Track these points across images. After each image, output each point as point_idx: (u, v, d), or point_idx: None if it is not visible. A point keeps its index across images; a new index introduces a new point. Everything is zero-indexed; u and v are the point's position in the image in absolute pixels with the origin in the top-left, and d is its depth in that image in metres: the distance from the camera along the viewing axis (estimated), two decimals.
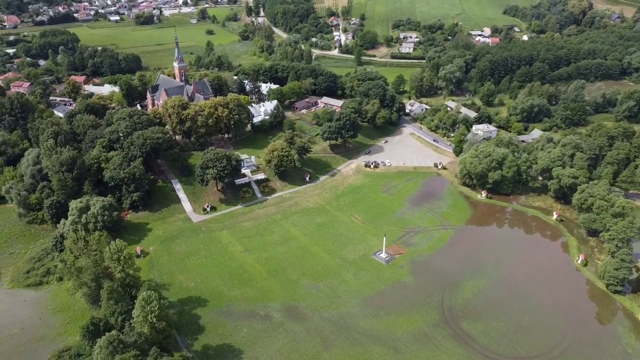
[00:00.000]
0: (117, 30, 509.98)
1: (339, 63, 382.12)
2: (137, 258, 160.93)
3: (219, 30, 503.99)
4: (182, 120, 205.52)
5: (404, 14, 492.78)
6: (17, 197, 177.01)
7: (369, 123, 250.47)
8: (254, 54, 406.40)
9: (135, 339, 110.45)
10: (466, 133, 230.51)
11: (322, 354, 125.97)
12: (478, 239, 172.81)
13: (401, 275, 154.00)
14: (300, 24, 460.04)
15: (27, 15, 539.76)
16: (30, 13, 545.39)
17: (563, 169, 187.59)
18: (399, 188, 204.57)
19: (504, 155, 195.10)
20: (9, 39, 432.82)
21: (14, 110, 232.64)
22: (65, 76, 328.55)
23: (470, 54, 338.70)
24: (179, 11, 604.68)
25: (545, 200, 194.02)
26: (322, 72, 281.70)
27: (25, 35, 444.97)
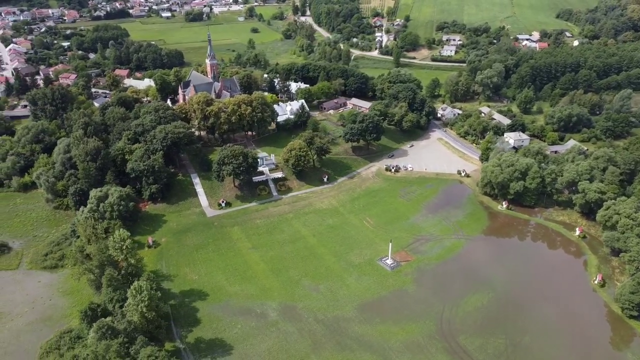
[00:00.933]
0: (167, 27, 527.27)
1: (378, 64, 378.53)
2: (149, 248, 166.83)
3: (264, 29, 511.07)
4: (206, 117, 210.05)
5: (450, 16, 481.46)
6: (46, 183, 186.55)
7: (396, 126, 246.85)
8: (294, 53, 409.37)
9: (125, 327, 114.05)
10: (494, 140, 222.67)
11: (310, 356, 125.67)
12: (491, 251, 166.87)
13: (404, 283, 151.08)
14: (343, 24, 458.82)
15: (86, 11, 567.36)
16: (89, 8, 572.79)
17: (590, 182, 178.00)
18: (417, 194, 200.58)
19: (528, 165, 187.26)
20: (65, 33, 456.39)
21: (54, 100, 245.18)
22: (110, 69, 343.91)
23: (513, 59, 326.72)
24: (228, 9, 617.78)
25: (570, 215, 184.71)
26: (354, 73, 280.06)
27: (82, 30, 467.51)
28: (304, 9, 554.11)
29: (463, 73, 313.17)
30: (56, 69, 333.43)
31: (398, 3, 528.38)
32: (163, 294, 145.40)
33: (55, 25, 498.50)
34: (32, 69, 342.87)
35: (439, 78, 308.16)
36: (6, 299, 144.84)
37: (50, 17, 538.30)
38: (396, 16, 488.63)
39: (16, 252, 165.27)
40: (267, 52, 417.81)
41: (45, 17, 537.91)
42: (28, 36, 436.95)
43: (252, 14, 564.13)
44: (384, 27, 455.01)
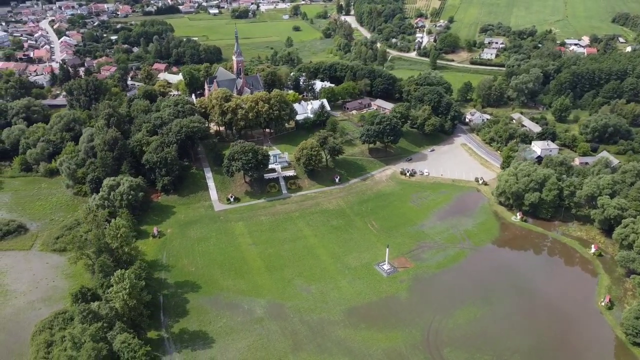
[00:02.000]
0: (213, 23, 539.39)
1: (414, 66, 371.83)
2: (153, 238, 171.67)
3: (306, 27, 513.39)
4: (224, 112, 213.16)
5: (497, 18, 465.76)
6: (67, 170, 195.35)
7: (418, 130, 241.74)
8: (330, 52, 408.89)
9: (107, 312, 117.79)
10: (516, 148, 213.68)
11: (288, 355, 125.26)
12: (495, 263, 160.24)
13: (397, 290, 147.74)
14: (384, 24, 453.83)
15: (139, 6, 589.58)
16: (141, 4, 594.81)
17: (611, 198, 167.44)
18: (428, 200, 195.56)
19: (545, 176, 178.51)
20: (116, 27, 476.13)
21: (88, 91, 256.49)
22: (150, 63, 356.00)
23: (554, 64, 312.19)
24: (274, 7, 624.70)
25: (589, 230, 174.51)
26: (381, 74, 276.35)
27: (132, 24, 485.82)
28: (348, 8, 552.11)
29: (498, 77, 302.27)
30: (99, 61, 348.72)
31: (444, 4, 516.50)
32: (158, 283, 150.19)
33: (108, 20, 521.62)
34: (78, 60, 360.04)
35: (470, 81, 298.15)
36: (15, 277, 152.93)
37: (105, 12, 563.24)
38: (440, 17, 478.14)
39: (32, 233, 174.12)
40: (305, 51, 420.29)
41: (100, 11, 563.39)
42: (81, 29, 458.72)
43: (296, 12, 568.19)
44: (425, 28, 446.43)
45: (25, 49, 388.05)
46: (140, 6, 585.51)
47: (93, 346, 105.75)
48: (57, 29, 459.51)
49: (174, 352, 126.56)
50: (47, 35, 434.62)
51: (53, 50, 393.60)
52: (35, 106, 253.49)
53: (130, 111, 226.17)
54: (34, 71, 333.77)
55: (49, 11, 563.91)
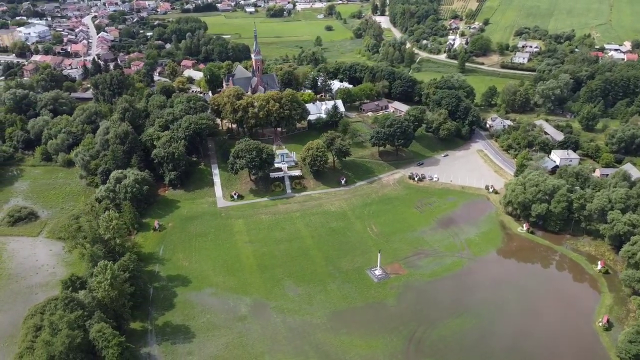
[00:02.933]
0: (247, 21, 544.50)
1: (442, 68, 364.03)
2: (154, 231, 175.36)
3: (339, 27, 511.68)
4: (235, 110, 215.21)
5: (535, 20, 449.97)
6: (81, 161, 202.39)
7: (434, 134, 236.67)
8: (359, 53, 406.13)
9: (89, 301, 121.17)
10: (530, 156, 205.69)
11: (264, 356, 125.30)
12: (492, 275, 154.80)
13: (385, 296, 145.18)
14: (417, 25, 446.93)
15: (178, 3, 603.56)
16: (181, 1, 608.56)
17: (623, 213, 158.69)
18: (433, 206, 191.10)
19: (555, 187, 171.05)
20: (153, 24, 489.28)
21: (112, 85, 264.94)
22: (179, 60, 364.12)
23: (588, 70, 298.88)
24: (311, 6, 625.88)
25: (599, 246, 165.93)
26: (401, 76, 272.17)
27: (169, 21, 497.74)
28: (383, 9, 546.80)
29: (525, 82, 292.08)
30: (130, 57, 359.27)
31: (481, 6, 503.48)
32: (151, 275, 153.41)
33: (147, 16, 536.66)
34: (112, 55, 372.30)
35: (494, 86, 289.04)
36: (19, 262, 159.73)
37: (146, 9, 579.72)
38: (475, 19, 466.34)
39: (42, 221, 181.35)
40: (333, 51, 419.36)
41: (141, 8, 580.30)
42: (119, 26, 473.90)
43: (331, 12, 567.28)
44: (459, 30, 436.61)
45: (64, 43, 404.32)
46: (180, 4, 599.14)
47: (68, 333, 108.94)
48: (98, 24, 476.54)
49: (154, 344, 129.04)
50: (87, 31, 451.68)
51: (90, 45, 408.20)
52: (63, 98, 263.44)
53: (147, 106, 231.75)
54: (68, 65, 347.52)
55: (94, 7, 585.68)
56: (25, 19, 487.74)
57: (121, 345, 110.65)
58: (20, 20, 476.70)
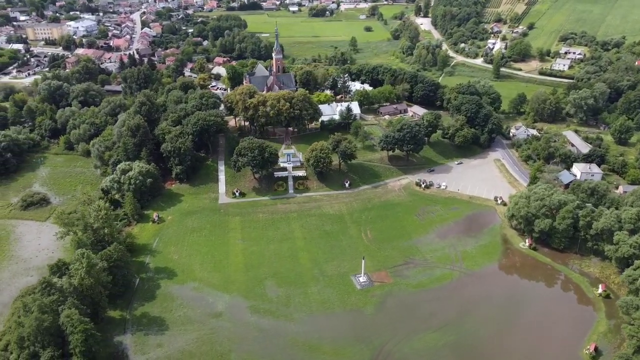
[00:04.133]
0: (289, 20, 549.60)
1: (476, 73, 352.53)
2: (153, 223, 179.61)
3: (379, 28, 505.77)
4: (247, 108, 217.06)
5: (585, 26, 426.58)
6: (96, 152, 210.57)
7: (450, 140, 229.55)
8: (393, 54, 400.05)
9: (66, 287, 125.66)
10: (544, 169, 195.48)
11: (230, 354, 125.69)
12: (482, 291, 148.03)
13: (365, 304, 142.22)
14: (457, 27, 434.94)
15: (225, 1, 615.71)
16: None
17: (632, 234, 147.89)
18: (435, 215, 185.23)
19: (561, 202, 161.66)
20: (196, 21, 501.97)
21: (139, 79, 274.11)
22: (213, 57, 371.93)
23: (630, 80, 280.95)
24: (355, 6, 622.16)
25: (605, 268, 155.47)
26: (423, 80, 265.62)
27: (212, 18, 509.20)
28: (426, 10, 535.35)
29: (558, 90, 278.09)
30: (166, 52, 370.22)
31: (529, 9, 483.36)
32: (140, 266, 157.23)
33: (192, 13, 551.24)
34: (150, 50, 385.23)
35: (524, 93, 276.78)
36: (23, 245, 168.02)
37: (193, 6, 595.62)
38: (520, 23, 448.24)
39: (52, 207, 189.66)
40: (367, 52, 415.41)
41: (189, 5, 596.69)
42: (164, 22, 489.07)
43: (373, 13, 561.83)
44: (500, 34, 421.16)
45: (108, 37, 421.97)
46: (226, 2, 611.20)
47: (37, 316, 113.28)
48: (144, 20, 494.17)
49: (128, 333, 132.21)
50: (132, 27, 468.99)
51: (133, 40, 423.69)
52: (94, 91, 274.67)
53: (166, 101, 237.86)
54: (108, 58, 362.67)
55: (145, 4, 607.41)
56: (78, 13, 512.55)
57: (86, 332, 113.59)
58: (74, 15, 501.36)
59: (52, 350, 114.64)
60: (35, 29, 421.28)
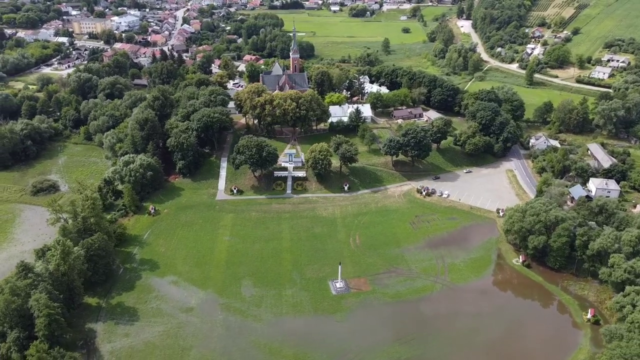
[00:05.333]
0: (328, 20, 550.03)
1: (508, 79, 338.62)
2: (149, 215, 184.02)
3: (417, 29, 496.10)
4: (254, 106, 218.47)
5: (636, 32, 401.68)
6: (108, 143, 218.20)
7: (462, 147, 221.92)
8: (425, 57, 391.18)
9: (42, 272, 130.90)
10: (550, 182, 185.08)
11: (190, 350, 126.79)
12: (461, 306, 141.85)
13: (336, 310, 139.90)
14: (496, 31, 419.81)
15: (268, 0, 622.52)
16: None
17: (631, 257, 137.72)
18: (431, 224, 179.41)
19: (557, 218, 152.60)
20: (236, 18, 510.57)
21: (162, 74, 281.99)
22: (244, 54, 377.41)
23: None
24: (397, 7, 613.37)
25: (601, 292, 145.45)
26: (442, 84, 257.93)
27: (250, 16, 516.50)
28: (469, 12, 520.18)
29: (588, 100, 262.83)
30: (198, 49, 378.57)
31: (577, 14, 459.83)
32: (127, 256, 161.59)
33: (234, 11, 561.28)
34: (184, 47, 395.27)
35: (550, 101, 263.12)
36: (25, 229, 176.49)
37: (237, 4, 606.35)
38: (566, 28, 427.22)
39: (60, 194, 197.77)
40: (399, 54, 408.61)
41: (232, 3, 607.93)
42: (205, 19, 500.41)
43: (414, 14, 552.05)
44: (542, 39, 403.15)
45: (147, 33, 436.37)
46: (269, 0, 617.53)
47: (7, 298, 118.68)
48: (186, 17, 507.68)
49: (100, 321, 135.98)
50: (173, 23, 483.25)
51: (171, 36, 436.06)
52: (120, 84, 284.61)
53: (180, 96, 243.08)
54: (143, 53, 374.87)
55: (191, 1, 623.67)
56: (125, 9, 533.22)
57: (50, 317, 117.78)
58: (121, 10, 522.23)
59: (19, 331, 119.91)
60: (81, 23, 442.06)
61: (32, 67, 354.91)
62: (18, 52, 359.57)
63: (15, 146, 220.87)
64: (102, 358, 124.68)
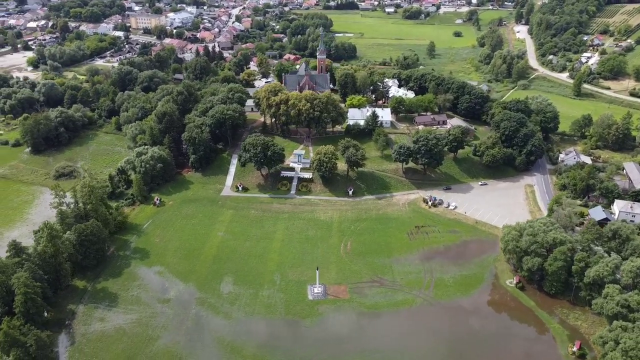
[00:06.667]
0: (380, 21, 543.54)
1: (555, 89, 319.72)
2: (154, 206, 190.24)
3: (470, 34, 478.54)
4: (270, 105, 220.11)
5: None
6: (130, 134, 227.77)
7: (481, 158, 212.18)
8: (470, 63, 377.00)
9: (31, 252, 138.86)
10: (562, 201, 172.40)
11: (156, 340, 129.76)
12: (437, 325, 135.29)
13: (307, 316, 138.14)
14: (551, 38, 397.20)
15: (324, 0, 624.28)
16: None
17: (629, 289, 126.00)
18: (429, 236, 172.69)
19: (556, 241, 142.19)
20: (288, 18, 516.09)
21: (196, 70, 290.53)
22: (284, 54, 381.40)
23: None
24: (455, 10, 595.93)
25: (596, 324, 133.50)
26: (470, 91, 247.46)
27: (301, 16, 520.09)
28: (527, 17, 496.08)
29: (633, 115, 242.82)
30: (240, 47, 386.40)
31: None
32: (123, 244, 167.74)
33: (287, 10, 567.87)
34: (229, 44, 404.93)
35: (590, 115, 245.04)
36: (39, 210, 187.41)
37: (292, 3, 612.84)
38: (630, 36, 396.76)
39: (78, 180, 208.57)
40: (444, 58, 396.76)
41: (289, 2, 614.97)
42: (256, 17, 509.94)
43: (471, 17, 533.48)
44: (600, 47, 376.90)
45: (199, 30, 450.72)
46: (324, 0, 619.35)
47: None
48: (239, 15, 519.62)
49: (82, 303, 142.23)
50: (226, 21, 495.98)
51: (220, 34, 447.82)
52: (158, 78, 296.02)
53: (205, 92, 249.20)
54: (189, 49, 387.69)
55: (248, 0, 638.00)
56: (184, 6, 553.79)
57: (26, 295, 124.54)
58: (180, 7, 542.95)
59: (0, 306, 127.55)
60: (137, 19, 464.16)
61: (86, 58, 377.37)
62: (75, 44, 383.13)
63: (49, 132, 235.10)
64: (74, 339, 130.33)
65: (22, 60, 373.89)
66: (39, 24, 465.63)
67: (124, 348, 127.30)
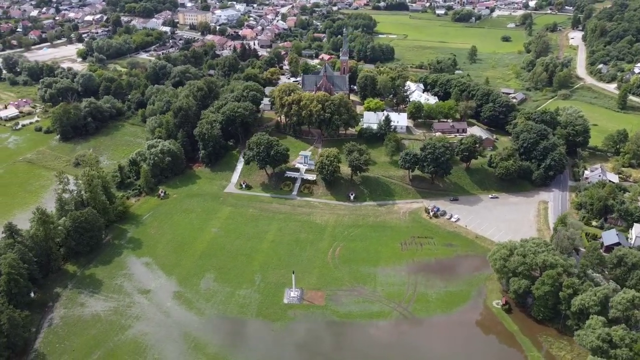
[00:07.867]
0: (427, 23, 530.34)
1: (598, 100, 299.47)
2: (158, 198, 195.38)
3: (519, 39, 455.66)
4: (283, 105, 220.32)
5: None
6: (149, 126, 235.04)
7: (495, 170, 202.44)
8: (512, 69, 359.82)
9: (25, 235, 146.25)
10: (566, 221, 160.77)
11: (129, 329, 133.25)
12: (410, 340, 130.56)
13: (278, 319, 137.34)
14: (605, 46, 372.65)
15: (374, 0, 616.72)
16: None
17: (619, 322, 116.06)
18: (423, 248, 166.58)
19: (545, 263, 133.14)
20: (334, 17, 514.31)
21: (224, 67, 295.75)
22: (320, 54, 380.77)
23: None
24: (510, 13, 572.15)
25: (582, 356, 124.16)
26: (495, 99, 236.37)
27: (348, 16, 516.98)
28: (584, 23, 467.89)
29: None
30: (278, 45, 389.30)
31: None
32: (120, 232, 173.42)
33: (335, 10, 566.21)
34: (268, 42, 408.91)
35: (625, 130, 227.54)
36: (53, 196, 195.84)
37: (342, 2, 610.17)
38: None
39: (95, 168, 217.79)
40: (484, 63, 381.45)
41: (338, 1, 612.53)
42: (302, 16, 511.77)
43: (524, 22, 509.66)
44: None
45: (243, 27, 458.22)
46: (374, 1, 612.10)
47: None
48: (286, 13, 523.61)
49: (68, 288, 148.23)
50: (271, 19, 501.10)
51: (263, 31, 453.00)
52: (190, 73, 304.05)
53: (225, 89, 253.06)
54: (229, 46, 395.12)
55: None
56: (234, 3, 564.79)
57: (9, 275, 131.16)
58: (230, 4, 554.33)
59: None
60: (185, 15, 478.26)
61: (132, 52, 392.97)
62: (123, 38, 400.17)
63: (78, 121, 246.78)
64: (52, 321, 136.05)
65: (73, 52, 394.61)
66: (94, 17, 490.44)
67: (95, 334, 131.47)
